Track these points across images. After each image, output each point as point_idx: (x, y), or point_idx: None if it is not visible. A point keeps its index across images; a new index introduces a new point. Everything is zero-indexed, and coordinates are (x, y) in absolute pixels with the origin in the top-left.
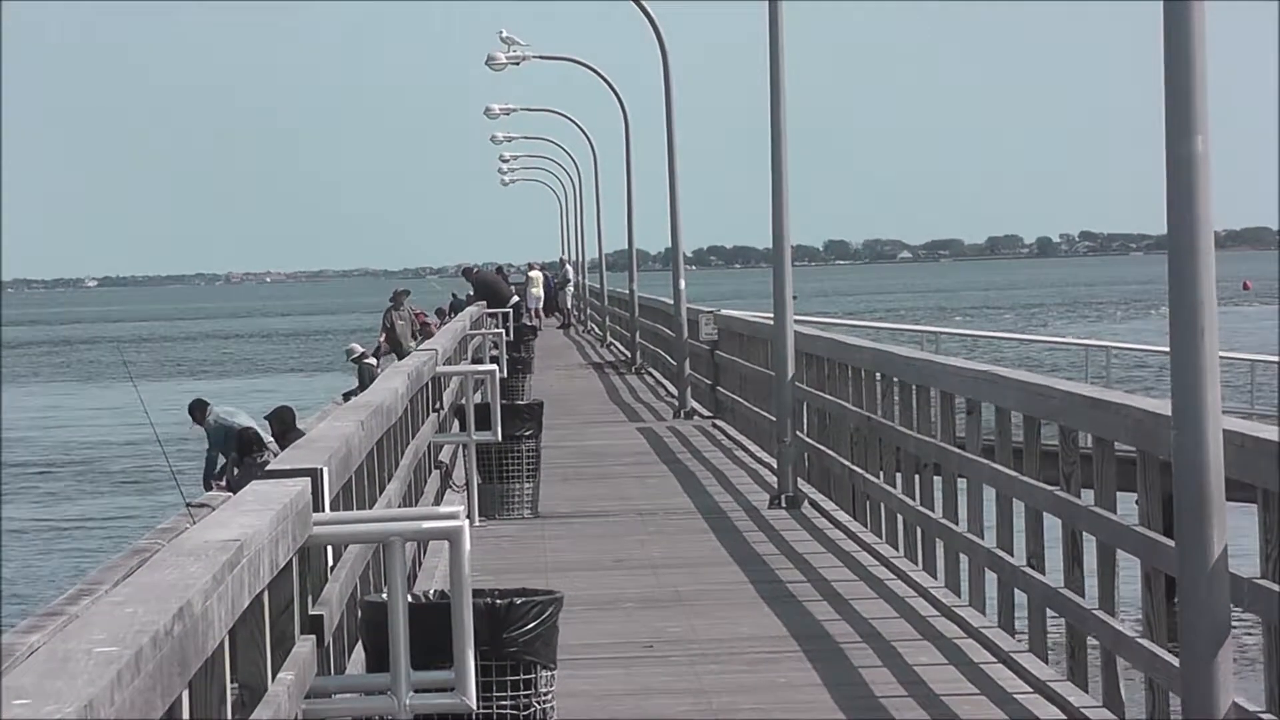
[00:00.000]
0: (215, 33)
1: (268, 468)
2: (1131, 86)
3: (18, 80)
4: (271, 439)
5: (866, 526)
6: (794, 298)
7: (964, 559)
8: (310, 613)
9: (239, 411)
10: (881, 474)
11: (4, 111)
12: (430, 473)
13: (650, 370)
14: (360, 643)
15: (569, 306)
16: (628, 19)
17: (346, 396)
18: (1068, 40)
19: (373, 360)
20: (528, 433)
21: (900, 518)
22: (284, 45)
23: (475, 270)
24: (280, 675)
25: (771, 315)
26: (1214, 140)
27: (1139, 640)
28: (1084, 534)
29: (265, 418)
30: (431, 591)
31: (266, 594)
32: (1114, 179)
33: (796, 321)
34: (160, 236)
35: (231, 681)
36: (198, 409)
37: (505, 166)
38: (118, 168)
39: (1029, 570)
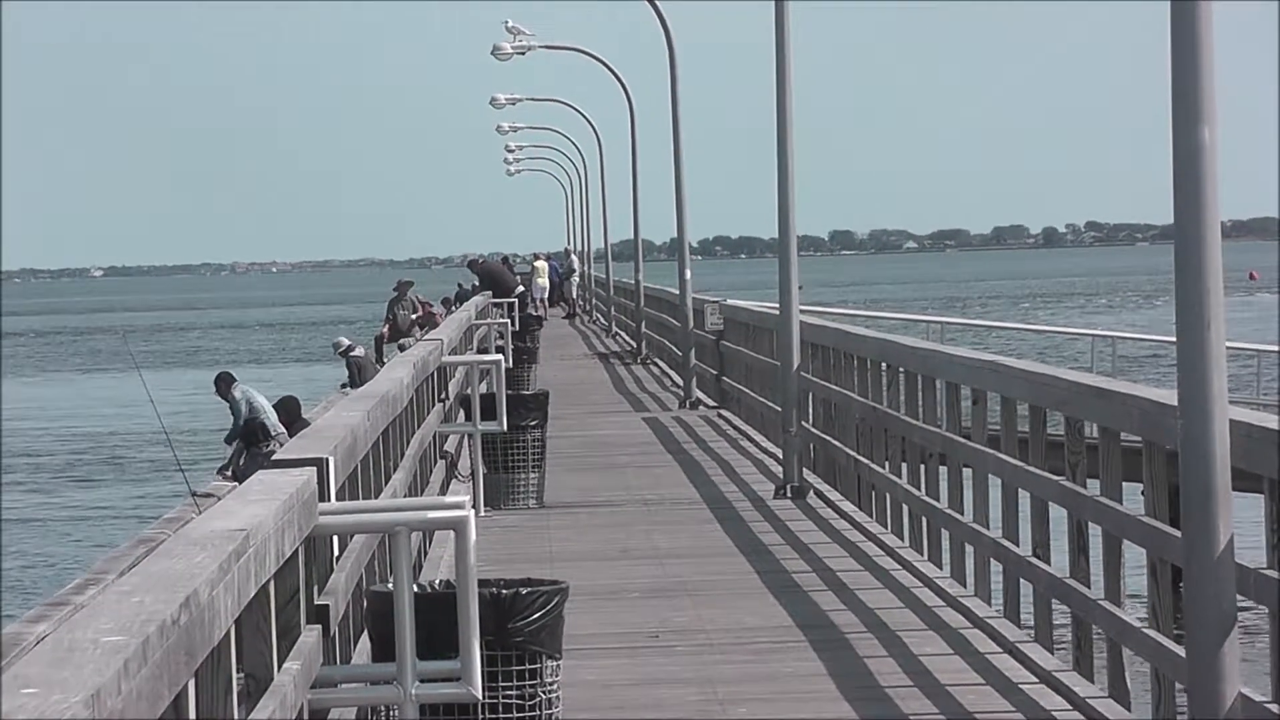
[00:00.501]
0: (217, 24)
1: (273, 458)
2: (1137, 77)
3: (23, 75)
4: (282, 429)
5: (872, 516)
6: (799, 288)
7: (969, 549)
8: (316, 602)
9: (259, 395)
10: (887, 464)
11: (9, 106)
12: (436, 463)
13: (656, 360)
14: (366, 633)
15: (574, 297)
16: (632, 14)
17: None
18: (1072, 32)
19: (360, 352)
20: (533, 423)
21: (905, 508)
22: (288, 39)
23: (480, 261)
24: (286, 665)
25: (777, 305)
26: (1220, 130)
27: (1145, 630)
28: (1090, 524)
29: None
30: (437, 581)
31: (272, 584)
32: (1119, 169)
33: (816, 312)
34: (166, 227)
35: (238, 671)
36: (223, 382)
37: (510, 156)
38: (123, 160)
39: (1035, 560)
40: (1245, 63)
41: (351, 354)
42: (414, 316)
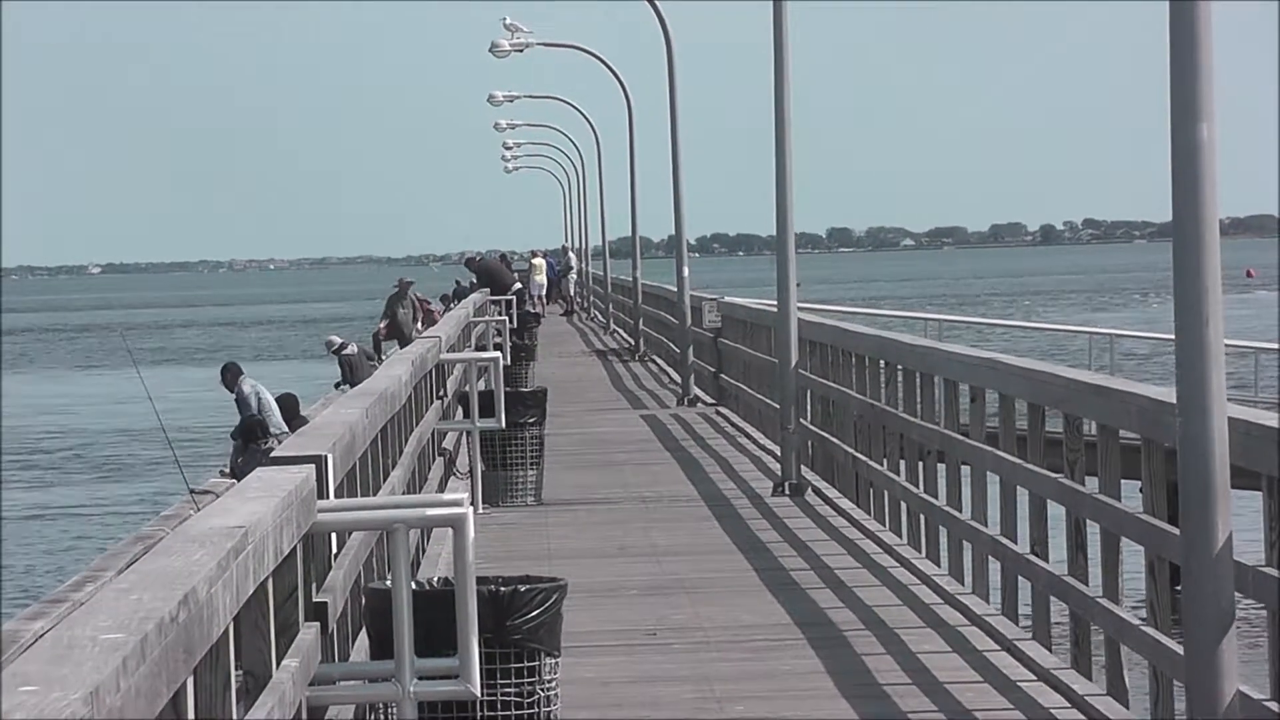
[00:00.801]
0: (217, 23)
1: (272, 455)
2: (1136, 76)
3: (23, 75)
4: (285, 427)
5: (870, 514)
6: (797, 285)
7: (968, 546)
8: (314, 600)
9: (267, 392)
10: (885, 461)
11: (9, 105)
12: (434, 460)
13: (654, 357)
14: (364, 630)
15: (572, 294)
16: (630, 14)
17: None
18: (1072, 32)
19: (353, 350)
20: (531, 420)
21: (904, 505)
22: (288, 39)
23: (478, 258)
24: (285, 662)
25: (775, 302)
26: (1219, 128)
27: (1143, 628)
28: (1088, 521)
29: None
30: (435, 579)
31: (271, 581)
32: (1117, 167)
33: (814, 309)
34: (165, 224)
35: (236, 668)
36: (230, 373)
37: (509, 154)
38: (122, 159)
39: (1033, 558)
40: (1244, 60)
41: (343, 352)
42: (416, 326)
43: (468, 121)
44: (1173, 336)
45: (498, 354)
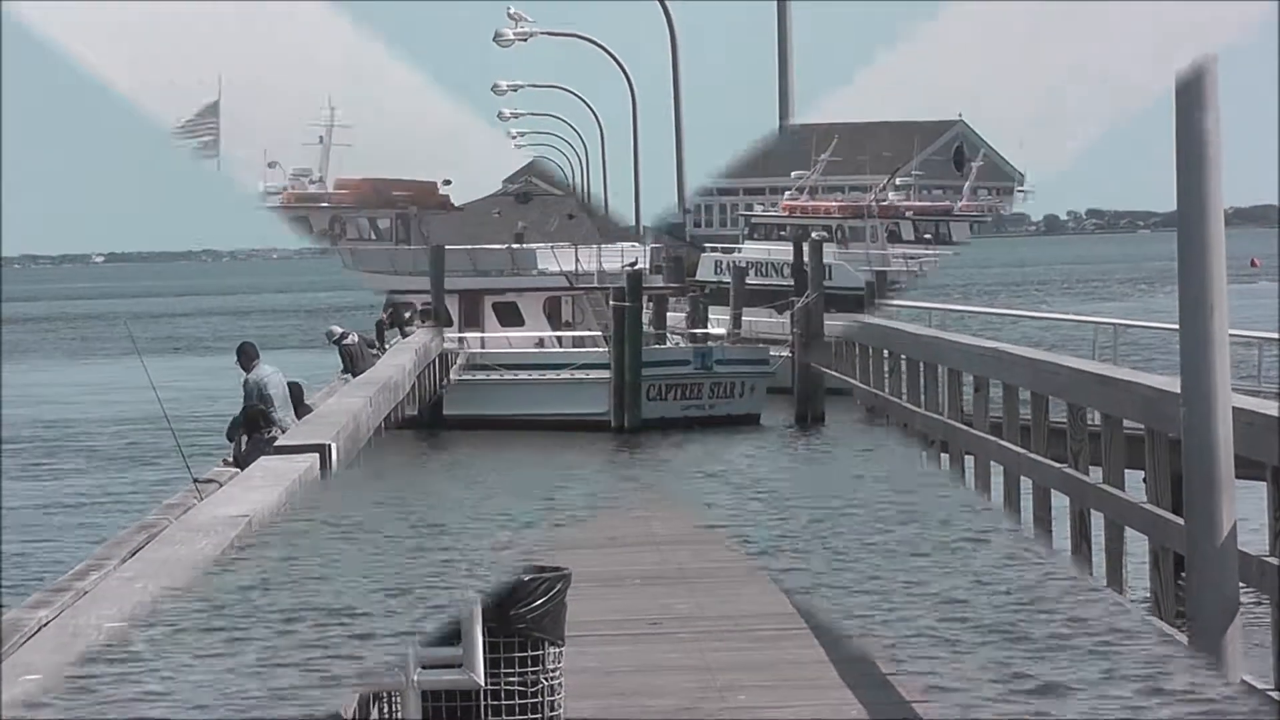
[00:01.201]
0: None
1: (276, 443)
2: (1140, 64)
3: (22, 63)
4: (291, 420)
5: None
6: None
7: None
8: None
9: (275, 384)
10: None
11: (9, 94)
12: None
13: None
14: None
15: None
16: (633, 12)
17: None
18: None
19: (353, 339)
20: None
21: None
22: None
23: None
24: None
25: None
26: (1223, 117)
27: (1147, 618)
28: (1092, 511)
29: None
30: None
31: None
32: (1121, 156)
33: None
34: (168, 212)
35: None
36: (244, 354)
37: (512, 144)
38: (125, 148)
39: None
40: (1247, 52)
41: (343, 342)
42: (408, 314)
43: (471, 110)
44: (1177, 326)
45: None
